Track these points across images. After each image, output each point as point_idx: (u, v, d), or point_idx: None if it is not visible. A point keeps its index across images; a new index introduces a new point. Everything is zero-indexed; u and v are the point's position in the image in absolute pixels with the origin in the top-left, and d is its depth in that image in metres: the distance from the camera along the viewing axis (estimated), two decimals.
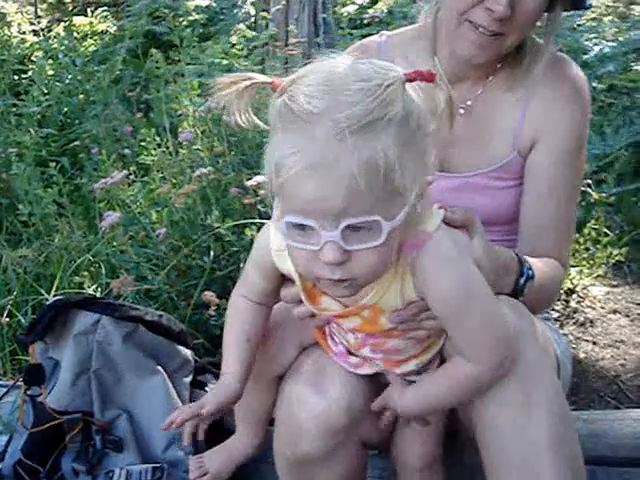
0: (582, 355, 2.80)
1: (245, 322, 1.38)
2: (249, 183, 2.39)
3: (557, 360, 1.51)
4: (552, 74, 1.57)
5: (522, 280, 1.39)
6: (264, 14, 5.32)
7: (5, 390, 1.97)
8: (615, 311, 3.17)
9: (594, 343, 2.90)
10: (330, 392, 1.33)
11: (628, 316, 3.13)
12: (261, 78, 1.07)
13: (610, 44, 4.88)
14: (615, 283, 3.42)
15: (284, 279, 1.31)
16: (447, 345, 1.30)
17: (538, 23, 1.54)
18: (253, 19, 5.83)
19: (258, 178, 2.34)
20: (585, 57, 4.66)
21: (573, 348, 2.74)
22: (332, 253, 1.00)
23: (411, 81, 1.03)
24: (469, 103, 1.62)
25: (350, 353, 1.35)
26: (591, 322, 3.06)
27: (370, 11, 6.72)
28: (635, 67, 5.34)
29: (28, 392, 1.82)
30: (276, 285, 1.33)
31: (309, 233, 1.01)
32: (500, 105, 1.61)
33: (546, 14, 1.54)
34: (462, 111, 1.60)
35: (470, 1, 1.45)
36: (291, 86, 1.01)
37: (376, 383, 1.38)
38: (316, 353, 1.40)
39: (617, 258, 3.47)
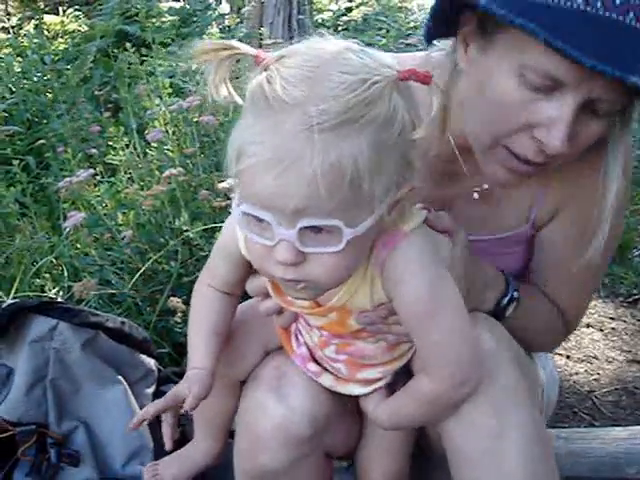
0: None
1: (212, 312, 1.30)
2: (220, 186, 2.33)
3: (541, 382, 1.45)
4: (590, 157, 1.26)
5: (505, 300, 1.32)
6: (234, 17, 5.28)
7: None
8: (588, 325, 3.16)
9: (568, 357, 2.89)
10: (292, 400, 1.27)
11: (602, 330, 3.13)
12: (245, 49, 0.99)
13: None
14: None
15: (251, 269, 1.22)
16: (415, 359, 1.24)
17: None
18: (226, 22, 5.80)
19: (230, 181, 2.28)
20: None
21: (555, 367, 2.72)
22: (286, 252, 0.94)
23: (404, 80, 0.95)
24: (485, 187, 1.40)
25: (311, 359, 1.29)
26: None
27: (345, 18, 6.74)
28: None
29: None
30: (243, 274, 1.26)
31: (265, 227, 0.95)
32: (520, 185, 1.33)
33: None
34: (476, 196, 1.41)
35: (512, 128, 1.14)
36: (275, 64, 0.94)
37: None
38: (278, 359, 1.34)
39: None
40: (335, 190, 0.89)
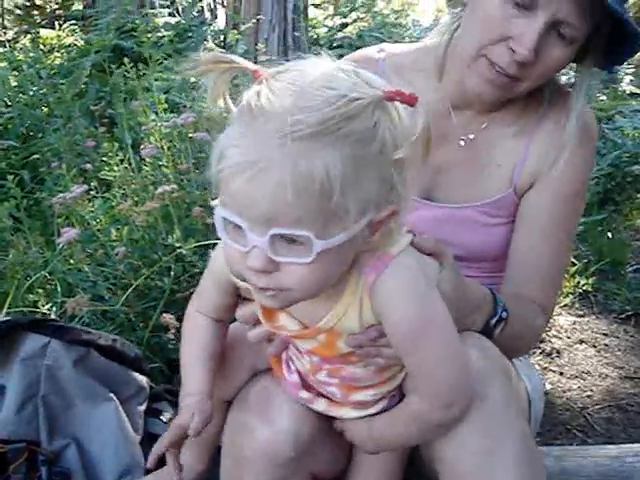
0: (549, 386, 2.78)
1: (203, 339, 1.31)
2: (214, 203, 2.32)
3: (528, 397, 1.46)
4: (561, 114, 1.50)
5: (493, 320, 1.33)
6: (234, 32, 5.29)
7: None
8: (582, 341, 3.17)
9: (561, 374, 2.89)
10: (277, 421, 1.26)
11: (595, 346, 3.13)
12: (245, 63, 1.01)
13: None
14: (581, 313, 3.43)
15: (240, 296, 1.25)
16: (406, 381, 1.24)
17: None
18: (222, 37, 5.80)
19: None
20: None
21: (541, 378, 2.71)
22: (257, 260, 0.95)
23: (389, 100, 0.96)
24: (471, 137, 1.55)
25: (303, 386, 1.29)
26: (558, 352, 3.05)
27: (340, 34, 6.76)
28: (602, 97, 5.43)
29: None
30: (233, 301, 1.27)
31: (240, 232, 0.96)
32: (503, 141, 1.54)
33: (576, 66, 1.48)
34: (462, 143, 1.55)
35: (493, 38, 1.37)
36: (270, 79, 0.96)
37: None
38: (264, 380, 1.33)
39: (584, 288, 3.48)
40: (304, 199, 0.90)
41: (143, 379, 1.84)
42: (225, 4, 6.32)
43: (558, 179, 1.48)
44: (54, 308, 2.35)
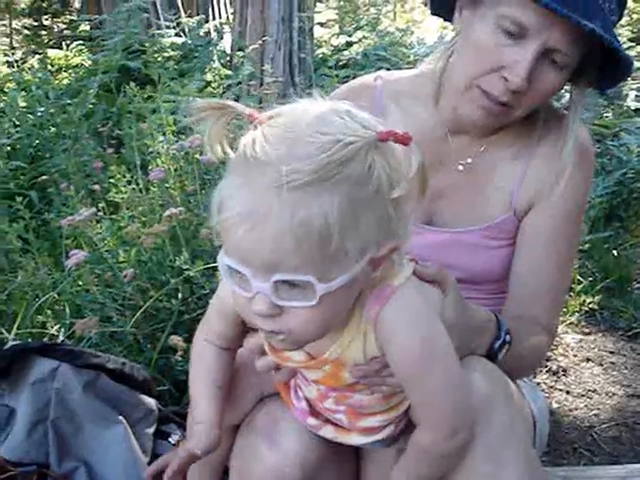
0: (555, 405, 2.77)
1: (212, 368, 1.32)
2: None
3: (533, 419, 1.46)
4: (557, 136, 1.50)
5: (497, 344, 1.33)
6: (239, 53, 5.33)
7: None
8: (588, 359, 3.16)
9: (567, 392, 2.89)
10: (284, 445, 1.27)
11: (601, 365, 3.12)
12: (240, 108, 1.02)
13: None
14: (588, 331, 3.42)
15: (246, 325, 1.25)
16: (411, 410, 1.23)
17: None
18: (229, 57, 5.84)
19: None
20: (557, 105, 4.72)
21: (546, 397, 2.71)
22: (261, 305, 0.97)
23: (383, 141, 0.97)
24: (469, 161, 1.56)
25: (311, 414, 1.29)
26: (564, 371, 3.04)
27: (346, 53, 6.79)
28: (606, 114, 5.44)
29: None
30: (239, 331, 1.28)
31: (243, 279, 0.97)
32: (501, 165, 1.55)
33: (570, 87, 1.48)
34: (461, 167, 1.56)
35: (486, 68, 1.38)
36: (264, 123, 0.98)
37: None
38: (271, 404, 1.34)
39: (590, 306, 3.47)
40: (303, 247, 0.91)
41: (151, 402, 1.85)
42: (231, 25, 6.37)
43: (557, 201, 1.49)
44: (62, 329, 2.36)
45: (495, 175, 1.54)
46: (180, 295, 2.30)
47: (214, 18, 7.44)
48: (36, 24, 12.19)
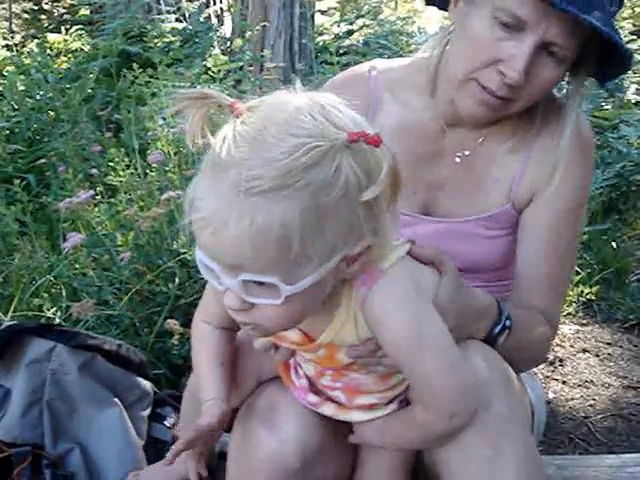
0: (551, 395, 2.77)
1: (213, 348, 1.33)
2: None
3: (531, 407, 1.46)
4: (556, 127, 1.48)
5: (497, 329, 1.33)
6: (238, 41, 5.30)
7: None
8: (585, 350, 3.16)
9: (564, 383, 2.88)
10: (283, 431, 1.26)
11: (598, 355, 3.12)
12: (221, 98, 1.00)
13: None
14: (585, 322, 3.41)
15: None
16: (409, 390, 1.24)
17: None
18: (229, 43, 5.81)
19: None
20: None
21: (542, 387, 2.71)
22: (231, 300, 0.99)
23: (353, 143, 0.95)
24: (467, 153, 1.54)
25: (312, 390, 1.29)
26: (561, 361, 3.04)
27: (347, 41, 6.76)
28: (606, 106, 5.42)
29: None
30: None
31: (214, 274, 0.99)
32: (499, 157, 1.53)
33: (568, 78, 1.46)
34: (458, 160, 1.54)
35: (483, 61, 1.35)
36: (244, 115, 0.96)
37: (333, 421, 1.31)
38: (270, 388, 1.34)
39: (587, 297, 3.47)
40: (263, 252, 0.92)
41: (147, 384, 1.85)
42: (232, 11, 6.34)
43: (557, 193, 1.47)
44: (59, 312, 2.36)
45: (493, 167, 1.53)
46: (177, 279, 2.30)
47: (214, 3, 7.41)
48: (36, 8, 12.13)
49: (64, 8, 11.63)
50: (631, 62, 1.35)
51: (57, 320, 2.26)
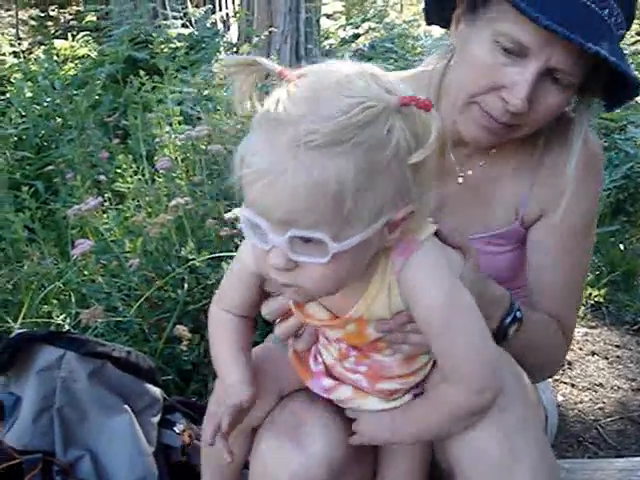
0: (560, 398, 2.77)
1: (232, 334, 1.31)
2: (227, 215, 2.35)
3: (545, 409, 1.46)
4: (562, 148, 1.45)
5: (508, 319, 1.34)
6: (245, 46, 5.31)
7: None
8: (593, 353, 3.15)
9: (572, 386, 2.88)
10: (309, 446, 1.25)
11: (607, 358, 3.11)
12: (270, 65, 1.04)
13: None
14: (593, 324, 3.41)
15: (264, 292, 1.26)
16: (434, 373, 1.24)
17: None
18: (235, 48, 5.83)
19: (236, 211, 2.30)
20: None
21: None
22: (277, 258, 0.99)
23: (405, 106, 0.99)
24: (470, 173, 1.52)
25: (328, 375, 1.28)
26: (569, 364, 3.04)
27: (353, 45, 6.77)
28: None
29: None
30: (257, 297, 1.27)
31: (261, 232, 0.99)
32: (503, 177, 1.51)
33: (575, 100, 1.42)
34: (460, 180, 1.53)
35: (484, 86, 1.32)
36: (291, 84, 0.99)
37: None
38: (295, 403, 1.33)
39: (596, 299, 3.46)
40: (317, 205, 0.93)
41: (157, 391, 1.85)
42: (238, 16, 6.37)
43: (566, 214, 1.45)
44: (68, 319, 2.37)
45: (497, 189, 1.52)
46: (186, 285, 2.30)
47: (221, 9, 7.43)
48: (42, 15, 12.19)
49: (71, 15, 11.67)
50: (638, 91, 1.31)
51: (66, 327, 2.27)
